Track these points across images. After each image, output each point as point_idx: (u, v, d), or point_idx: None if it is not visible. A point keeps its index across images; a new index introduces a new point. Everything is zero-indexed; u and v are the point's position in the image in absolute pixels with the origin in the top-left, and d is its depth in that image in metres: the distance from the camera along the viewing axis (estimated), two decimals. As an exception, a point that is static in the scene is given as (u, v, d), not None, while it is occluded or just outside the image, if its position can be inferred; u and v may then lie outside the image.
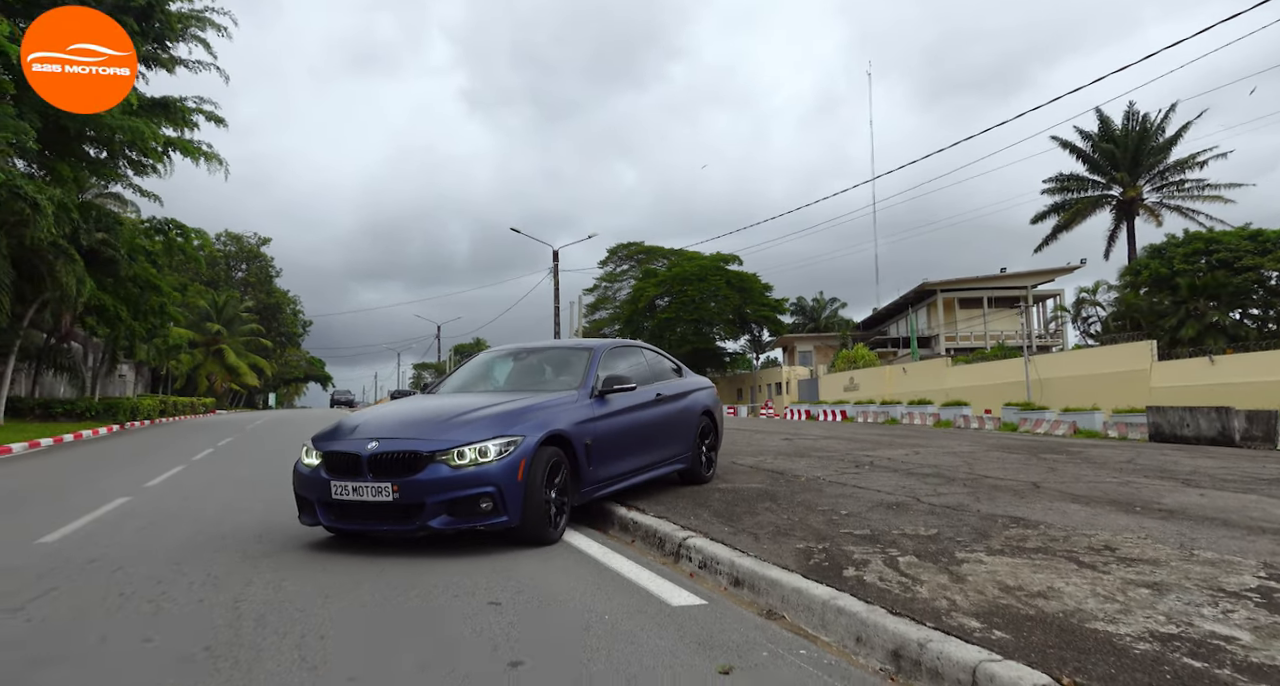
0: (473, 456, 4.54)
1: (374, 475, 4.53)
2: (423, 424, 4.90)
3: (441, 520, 4.47)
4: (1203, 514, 4.90)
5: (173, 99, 24.97)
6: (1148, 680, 2.30)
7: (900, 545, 4.15)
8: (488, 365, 6.71)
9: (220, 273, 71.18)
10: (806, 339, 62.86)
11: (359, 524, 4.64)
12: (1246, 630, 2.72)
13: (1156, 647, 2.57)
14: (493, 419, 4.85)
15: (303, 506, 4.93)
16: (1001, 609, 3.02)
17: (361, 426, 4.99)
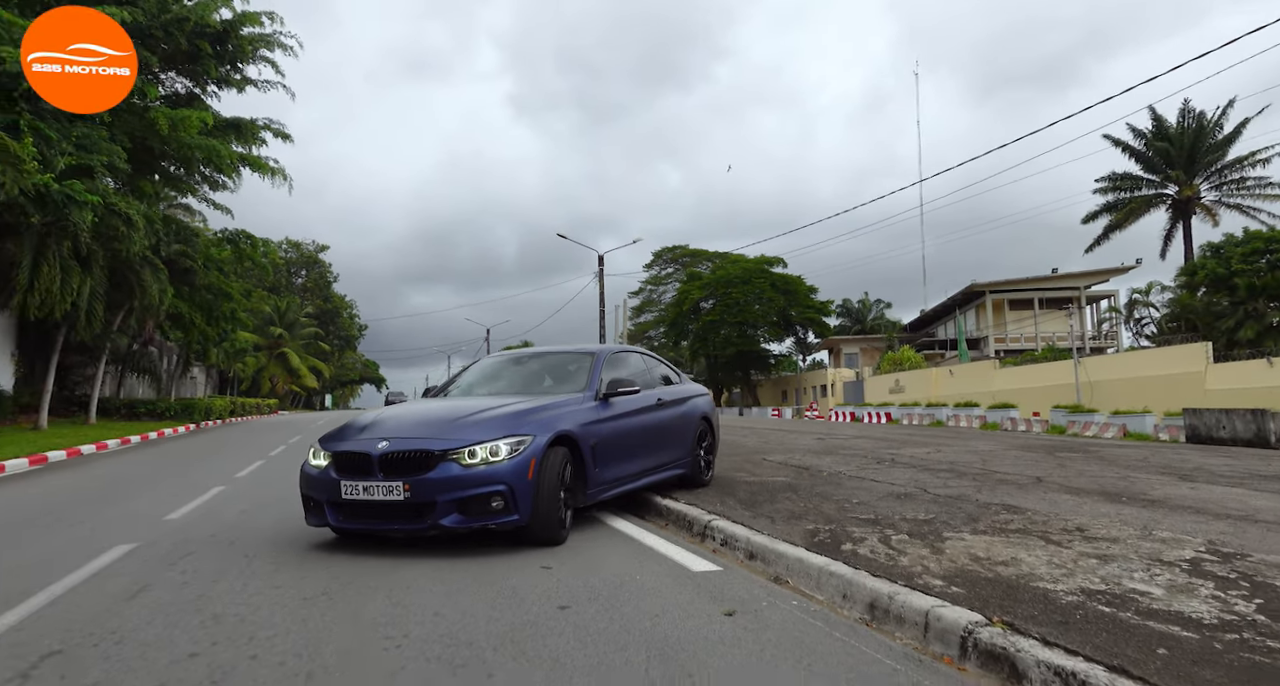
0: (484, 455, 4.60)
1: (384, 474, 4.55)
2: (432, 424, 4.95)
3: (453, 518, 4.50)
4: (1181, 503, 5.38)
5: (244, 120, 26.59)
6: (1061, 619, 2.91)
7: (897, 527, 4.77)
8: (492, 369, 6.76)
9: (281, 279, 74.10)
10: (852, 341, 62.70)
11: (368, 523, 4.66)
12: (1162, 588, 3.30)
13: (1080, 599, 3.17)
14: (502, 419, 4.91)
15: (310, 507, 4.94)
16: (965, 573, 3.63)
17: (370, 427, 5.03)
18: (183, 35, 22.70)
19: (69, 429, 19.72)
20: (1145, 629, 2.79)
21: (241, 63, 26.09)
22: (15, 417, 20.82)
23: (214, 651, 2.99)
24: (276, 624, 3.33)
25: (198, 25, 22.76)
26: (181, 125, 21.71)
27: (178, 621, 3.39)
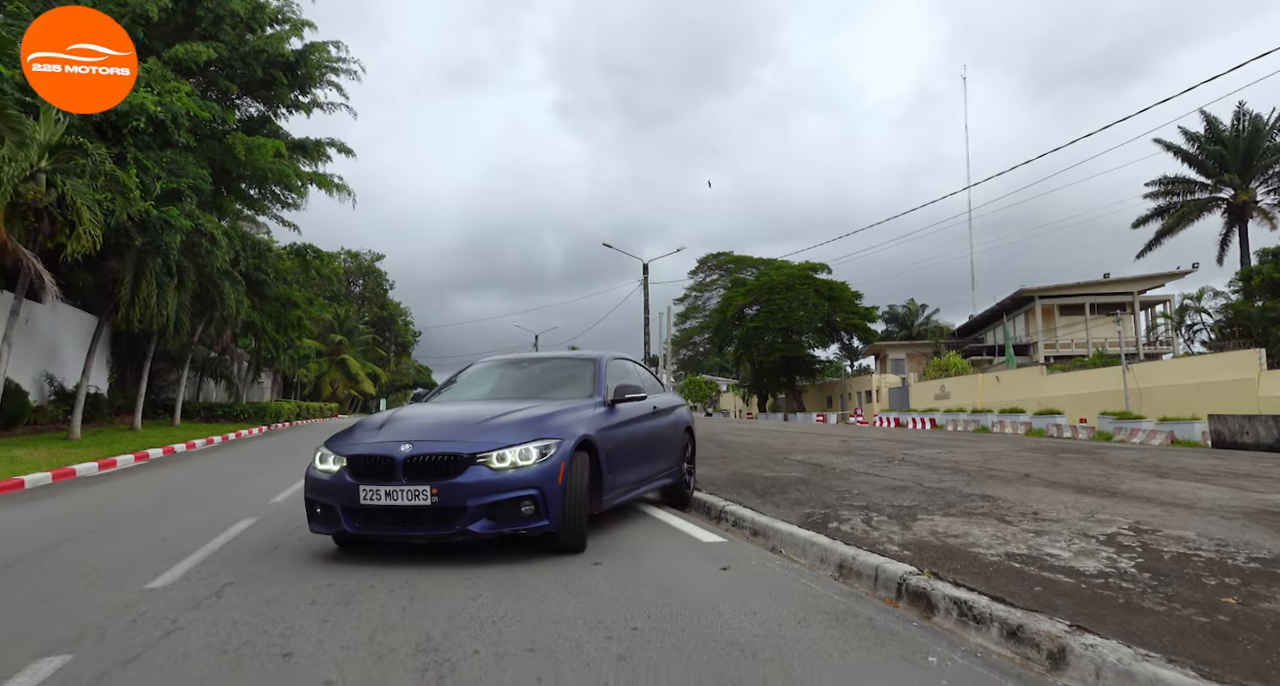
0: (513, 459, 4.49)
1: (409, 478, 4.41)
2: (452, 426, 4.82)
3: (482, 524, 4.38)
4: (1138, 495, 6.13)
5: (309, 140, 28.50)
6: (977, 571, 3.80)
7: (881, 511, 5.66)
8: (490, 373, 6.63)
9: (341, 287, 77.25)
10: (899, 346, 62.57)
11: (390, 529, 4.50)
12: (1071, 552, 4.15)
13: (1001, 559, 4.05)
14: (525, 422, 4.82)
15: (319, 514, 4.71)
16: (921, 542, 4.53)
17: (385, 429, 4.88)
18: (259, 65, 24.63)
19: (159, 430, 21.60)
20: (1037, 576, 3.66)
21: (310, 87, 28.00)
22: (111, 419, 22.83)
23: (344, 580, 4.14)
24: (385, 564, 4.42)
25: (272, 56, 24.66)
26: (257, 151, 23.62)
27: (312, 566, 4.59)
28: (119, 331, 23.26)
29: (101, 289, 19.93)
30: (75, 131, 14.65)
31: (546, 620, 3.36)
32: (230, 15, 22.88)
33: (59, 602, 3.88)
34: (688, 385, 78.33)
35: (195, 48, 21.08)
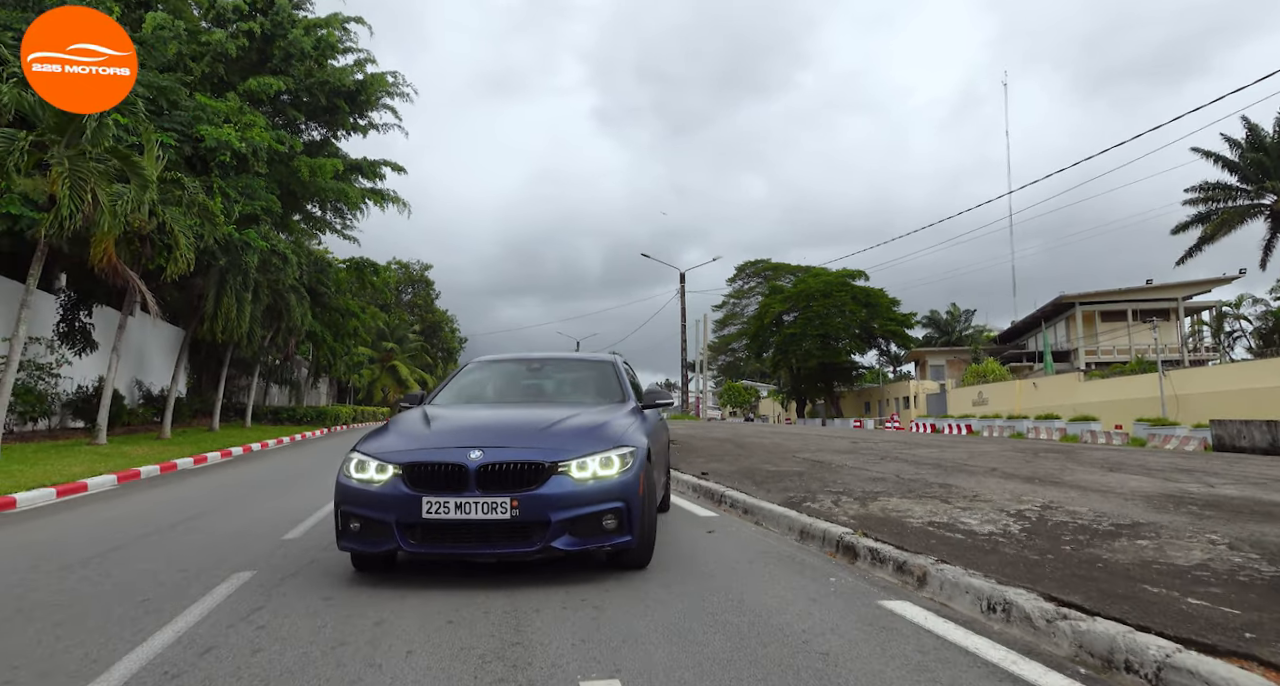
0: (594, 469, 4.11)
1: (483, 489, 3.94)
2: (519, 432, 4.41)
3: (565, 540, 3.99)
4: (1074, 484, 7.24)
5: (365, 161, 30.57)
6: (899, 533, 5.04)
7: (852, 495, 6.90)
8: (498, 375, 6.22)
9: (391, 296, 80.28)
10: (939, 353, 62.73)
11: (457, 547, 4.03)
12: (978, 522, 5.36)
13: (922, 525, 5.28)
14: (589, 429, 4.48)
15: (358, 530, 4.13)
16: (868, 516, 5.77)
17: (438, 434, 4.41)
18: (323, 94, 26.74)
19: (235, 431, 23.70)
20: (942, 536, 4.90)
21: (368, 111, 30.09)
22: (191, 420, 25.03)
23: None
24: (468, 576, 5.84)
25: (336, 86, 26.74)
26: (319, 172, 25.66)
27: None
28: (197, 341, 25.47)
29: (186, 303, 22.06)
30: (172, 166, 16.62)
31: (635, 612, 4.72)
32: (300, 51, 24.95)
33: (227, 547, 5.41)
34: (726, 390, 79.28)
35: (268, 81, 23.17)
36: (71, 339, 18.97)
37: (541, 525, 3.95)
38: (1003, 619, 3.44)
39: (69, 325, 19.06)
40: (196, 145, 18.47)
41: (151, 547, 5.54)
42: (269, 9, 24.98)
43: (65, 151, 11.94)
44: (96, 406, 18.34)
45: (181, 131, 17.96)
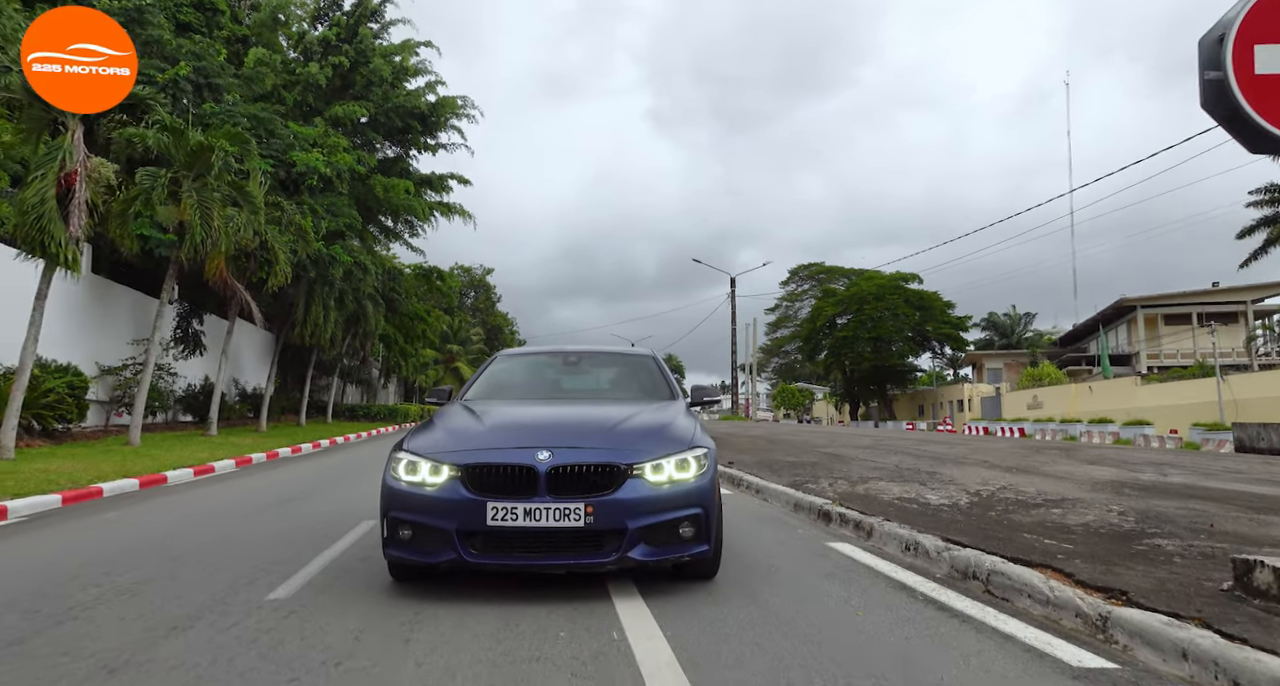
0: (670, 472, 3.79)
1: (554, 494, 3.61)
2: (584, 431, 4.04)
3: (641, 550, 3.64)
4: (1045, 473, 8.38)
5: (435, 175, 32.85)
6: (868, 504, 6.37)
7: (849, 479, 8.21)
8: (534, 368, 5.86)
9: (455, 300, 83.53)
10: (996, 356, 62.24)
11: (525, 558, 3.66)
12: (939, 498, 6.65)
13: (892, 500, 6.60)
14: (655, 428, 4.14)
15: (411, 538, 3.75)
16: (853, 494, 7.10)
17: (495, 432, 4.06)
18: (399, 117, 29.05)
19: (318, 426, 26.08)
20: (902, 507, 6.22)
21: (438, 132, 32.38)
22: (280, 416, 27.55)
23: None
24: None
25: (409, 109, 29.03)
26: (392, 189, 27.93)
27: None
28: (286, 344, 28.01)
29: (279, 311, 24.48)
30: (269, 189, 18.84)
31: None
32: (379, 78, 27.25)
33: (347, 508, 7.09)
34: (780, 392, 79.83)
35: (352, 108, 25.51)
36: (186, 343, 21.49)
37: (617, 533, 3.60)
38: (912, 554, 4.80)
39: (183, 331, 21.58)
40: (290, 169, 20.74)
41: (293, 508, 7.28)
42: (353, 38, 27.35)
43: (193, 184, 14.09)
44: (203, 402, 20.79)
45: (277, 157, 20.23)
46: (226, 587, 4.03)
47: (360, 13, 28.36)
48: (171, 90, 17.31)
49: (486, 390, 5.33)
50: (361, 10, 28.40)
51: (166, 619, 3.46)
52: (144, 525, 6.49)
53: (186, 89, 17.82)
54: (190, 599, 3.81)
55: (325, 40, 26.38)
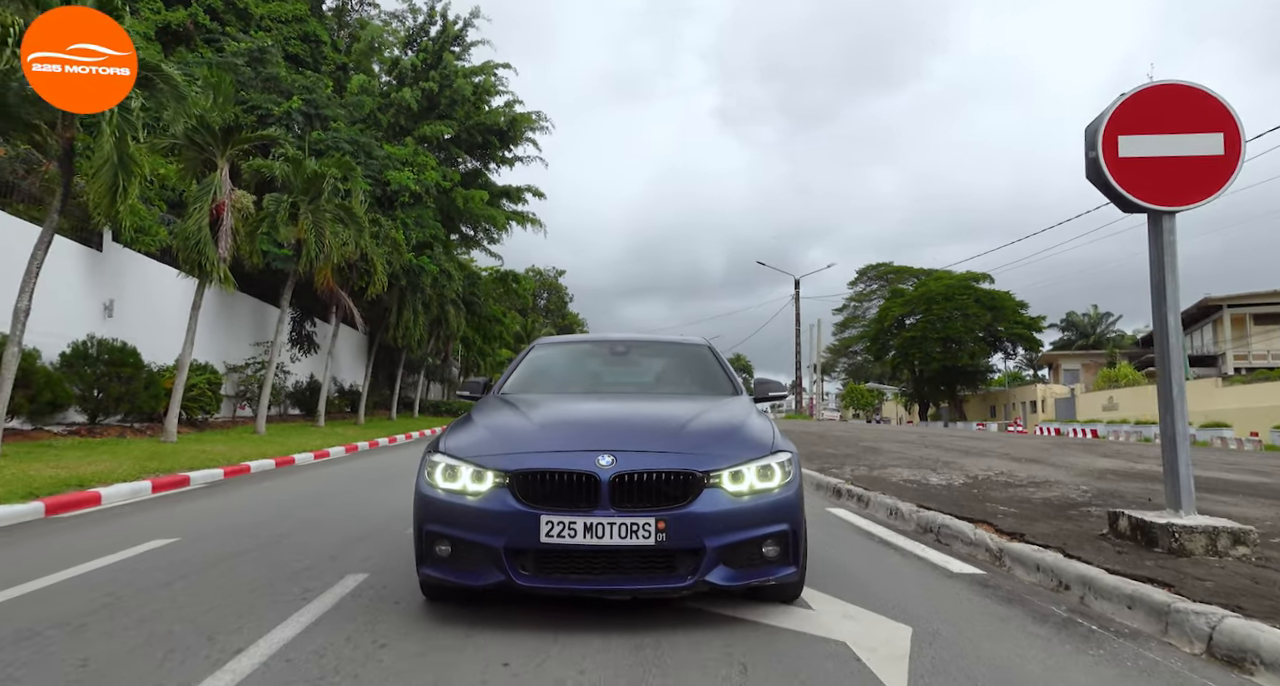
0: (751, 480, 3.19)
1: (618, 506, 3.03)
2: (648, 432, 3.47)
3: (721, 573, 3.07)
4: (1049, 462, 9.37)
5: (512, 187, 35.01)
6: (878, 483, 7.64)
7: (870, 466, 9.44)
8: (578, 358, 5.32)
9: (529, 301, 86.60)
10: (1073, 356, 60.79)
11: (584, 582, 3.07)
12: (940, 479, 7.86)
13: (900, 482, 7.84)
14: (728, 428, 3.55)
15: (449, 556, 3.18)
16: (868, 477, 8.35)
17: (545, 432, 3.49)
18: (479, 133, 31.26)
19: (407, 419, 28.48)
20: (903, 486, 7.45)
21: (514, 145, 34.53)
22: (371, 412, 30.13)
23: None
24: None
25: (489, 126, 31.22)
26: (472, 200, 30.11)
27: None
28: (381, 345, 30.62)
29: (373, 316, 26.93)
30: (370, 207, 21.07)
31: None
32: (462, 98, 29.50)
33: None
34: (849, 392, 79.59)
35: (439, 128, 27.78)
36: (299, 344, 24.08)
37: (692, 553, 3.04)
38: (893, 517, 6.10)
39: (297, 334, 24.17)
40: (385, 187, 22.99)
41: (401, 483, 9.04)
42: (438, 64, 29.66)
43: (309, 206, 16.26)
44: (310, 397, 23.28)
45: (374, 177, 22.49)
46: (376, 526, 5.68)
47: (444, 39, 30.67)
48: (286, 121, 19.69)
49: (526, 382, 4.76)
50: (445, 37, 30.70)
51: (347, 537, 5.11)
52: (295, 489, 8.33)
53: (299, 119, 20.18)
54: (354, 529, 5.47)
55: (414, 65, 28.76)
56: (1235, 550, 4.02)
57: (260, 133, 14.41)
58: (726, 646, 2.91)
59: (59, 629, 3.11)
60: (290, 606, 3.35)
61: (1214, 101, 4.42)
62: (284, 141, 15.39)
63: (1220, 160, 4.38)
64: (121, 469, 8.52)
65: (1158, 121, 4.45)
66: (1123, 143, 4.46)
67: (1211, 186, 4.40)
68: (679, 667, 2.66)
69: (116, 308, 15.14)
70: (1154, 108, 4.47)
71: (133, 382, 14.03)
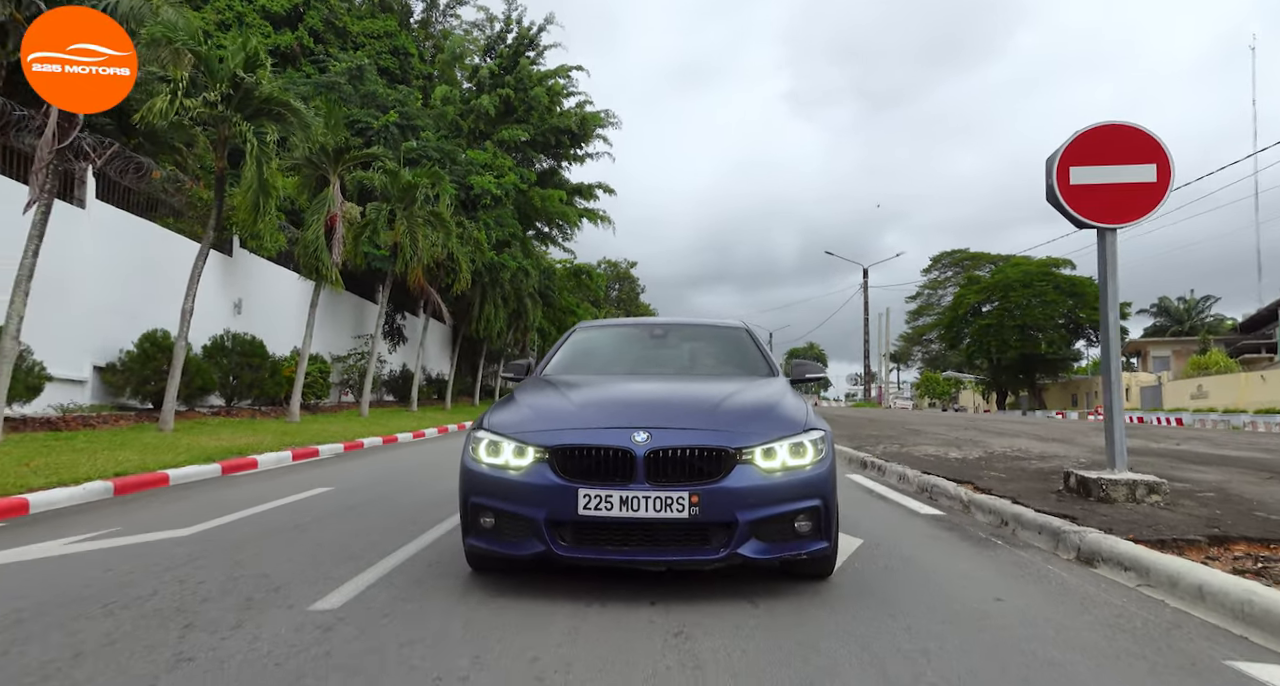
0: (784, 457, 3.31)
1: (654, 481, 3.17)
2: (683, 410, 3.60)
3: (753, 546, 3.19)
4: (1075, 442, 10.17)
5: (584, 185, 36.68)
6: (903, 457, 8.74)
7: (902, 444, 10.47)
8: (617, 341, 5.47)
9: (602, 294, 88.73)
10: (1163, 343, 58.60)
11: (619, 552, 3.22)
12: (959, 454, 8.89)
13: (921, 456, 8.91)
14: (763, 407, 3.68)
15: (493, 527, 3.37)
16: (896, 452, 9.43)
17: (584, 410, 3.63)
18: (553, 135, 33.03)
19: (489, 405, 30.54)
20: (922, 459, 8.53)
21: (585, 145, 36.18)
22: (456, 398, 32.41)
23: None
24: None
25: (562, 127, 32.96)
26: (547, 200, 31.89)
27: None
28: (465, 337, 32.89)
29: (458, 310, 29.08)
30: (455, 210, 22.99)
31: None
32: (537, 103, 31.29)
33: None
34: (924, 381, 78.50)
35: (515, 132, 29.62)
36: (392, 337, 26.39)
37: (724, 527, 3.18)
38: (901, 481, 7.25)
39: (390, 327, 26.48)
40: (468, 191, 24.92)
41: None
42: (513, 69, 31.49)
43: (404, 213, 18.17)
44: (402, 385, 25.52)
45: (459, 182, 24.41)
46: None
47: (519, 45, 32.48)
48: (384, 134, 21.75)
49: (568, 364, 4.96)
50: (519, 43, 32.50)
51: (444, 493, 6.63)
52: (403, 460, 10.01)
53: (394, 132, 22.22)
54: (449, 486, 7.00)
55: (492, 72, 30.67)
56: (1149, 498, 5.06)
57: (365, 152, 16.29)
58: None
59: (293, 530, 4.72)
60: (411, 534, 4.80)
61: (1149, 138, 5.39)
62: (383, 157, 17.29)
63: (1153, 186, 5.36)
64: (266, 442, 10.40)
65: (1102, 154, 5.45)
66: (1073, 172, 5.48)
67: (1146, 207, 5.38)
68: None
69: (244, 305, 17.43)
70: (1100, 143, 5.46)
71: (260, 371, 16.22)
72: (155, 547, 4.20)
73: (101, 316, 12.92)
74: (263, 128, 11.01)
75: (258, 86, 10.58)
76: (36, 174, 7.95)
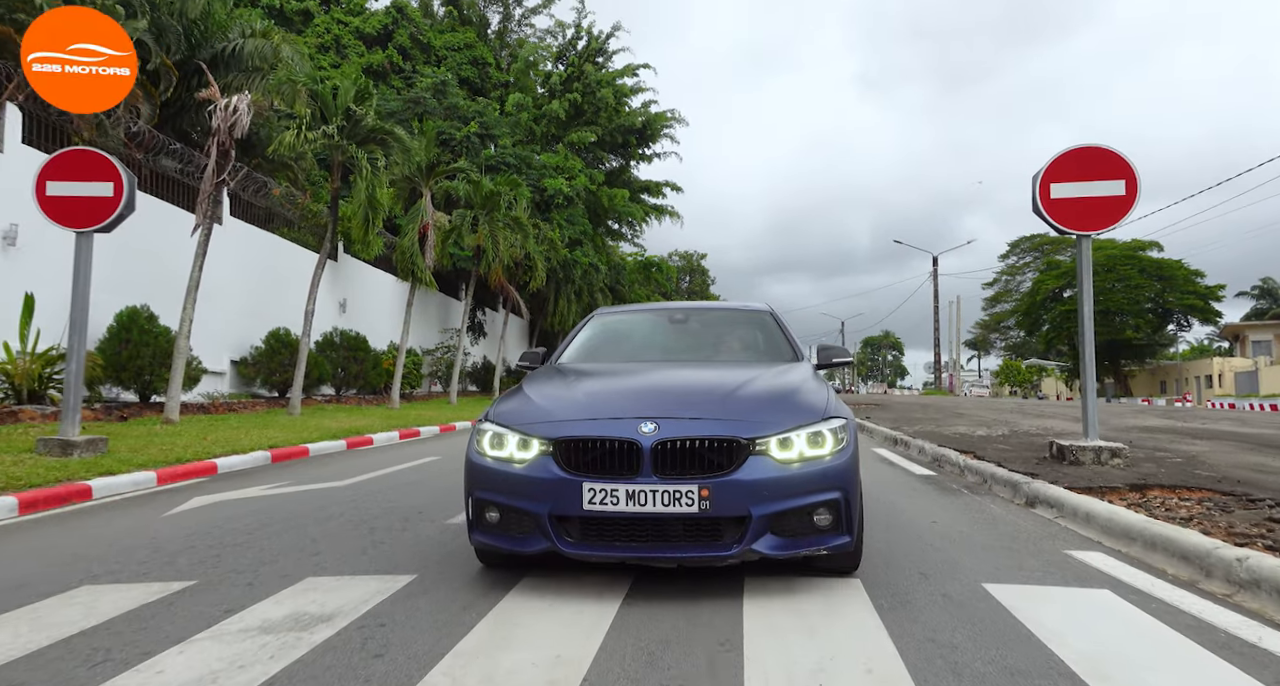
0: (801, 447, 3.10)
1: (662, 473, 3.00)
2: (694, 398, 3.41)
3: (768, 542, 3.01)
4: (1103, 421, 10.90)
5: (653, 183, 38.01)
6: (932, 435, 9.75)
7: (937, 423, 11.41)
8: (636, 326, 5.31)
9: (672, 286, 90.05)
10: (1264, 327, 55.85)
11: (628, 548, 3.05)
12: (984, 432, 9.82)
13: (950, 434, 9.88)
14: (781, 394, 3.48)
15: (498, 522, 3.24)
16: (928, 431, 10.41)
17: (590, 399, 3.45)
18: (620, 135, 34.46)
19: (565, 394, 32.33)
20: (948, 435, 9.51)
21: (652, 143, 37.49)
22: (535, 387, 34.38)
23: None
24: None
25: (629, 127, 34.36)
26: (615, 198, 33.37)
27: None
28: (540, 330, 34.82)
29: (534, 304, 30.94)
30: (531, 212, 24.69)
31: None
32: (605, 104, 32.79)
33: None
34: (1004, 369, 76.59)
35: (585, 134, 31.18)
36: (474, 331, 28.44)
37: (737, 521, 3.00)
38: (920, 454, 8.31)
39: (472, 321, 28.55)
40: (542, 193, 26.62)
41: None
42: (580, 76, 33.05)
43: (486, 218, 19.90)
44: (484, 376, 27.50)
45: (533, 185, 26.12)
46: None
47: (588, 52, 34.00)
48: (466, 144, 23.61)
49: (583, 353, 4.81)
50: (589, 51, 34.02)
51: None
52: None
53: (475, 142, 24.07)
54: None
55: (562, 78, 32.33)
56: (1112, 461, 6.04)
57: (453, 166, 18.06)
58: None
59: (420, 482, 6.25)
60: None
61: (1119, 158, 6.31)
62: (468, 170, 19.05)
63: (1122, 199, 6.28)
64: (376, 424, 12.16)
65: (1079, 172, 6.40)
66: (1054, 188, 6.46)
67: (1116, 217, 6.31)
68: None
69: (348, 305, 19.54)
70: (1076, 163, 6.42)
71: (363, 363, 18.26)
72: (327, 492, 5.77)
73: (236, 317, 15.07)
74: (372, 152, 12.76)
75: (365, 117, 12.32)
76: (201, 204, 9.79)
